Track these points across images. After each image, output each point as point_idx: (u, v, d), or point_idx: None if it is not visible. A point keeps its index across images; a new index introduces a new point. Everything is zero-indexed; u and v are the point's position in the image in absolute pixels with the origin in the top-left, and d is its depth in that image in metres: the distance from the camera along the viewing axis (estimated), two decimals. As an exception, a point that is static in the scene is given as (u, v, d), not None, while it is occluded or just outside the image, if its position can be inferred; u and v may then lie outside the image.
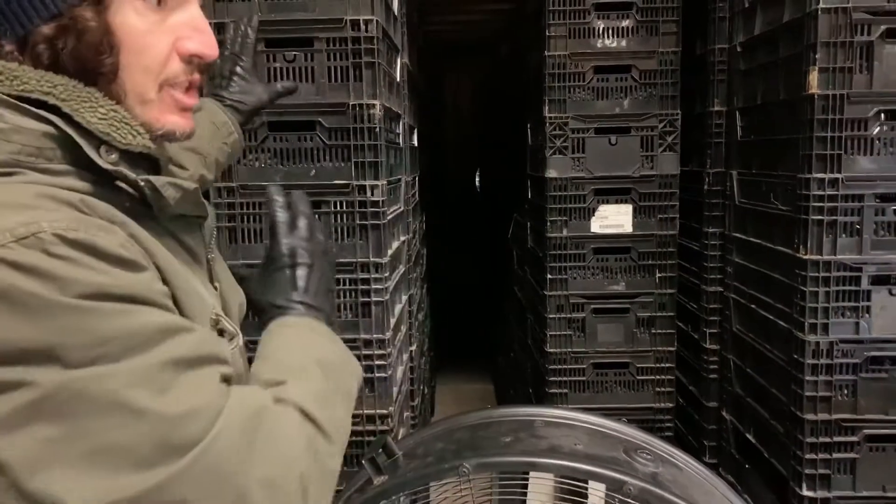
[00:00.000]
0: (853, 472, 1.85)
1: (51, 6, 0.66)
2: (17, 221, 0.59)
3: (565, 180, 2.50)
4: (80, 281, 0.59)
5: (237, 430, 0.65)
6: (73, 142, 0.66)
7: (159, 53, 0.72)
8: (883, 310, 1.82)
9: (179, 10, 0.73)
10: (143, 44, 0.71)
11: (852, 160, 1.79)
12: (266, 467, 0.66)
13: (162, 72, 0.73)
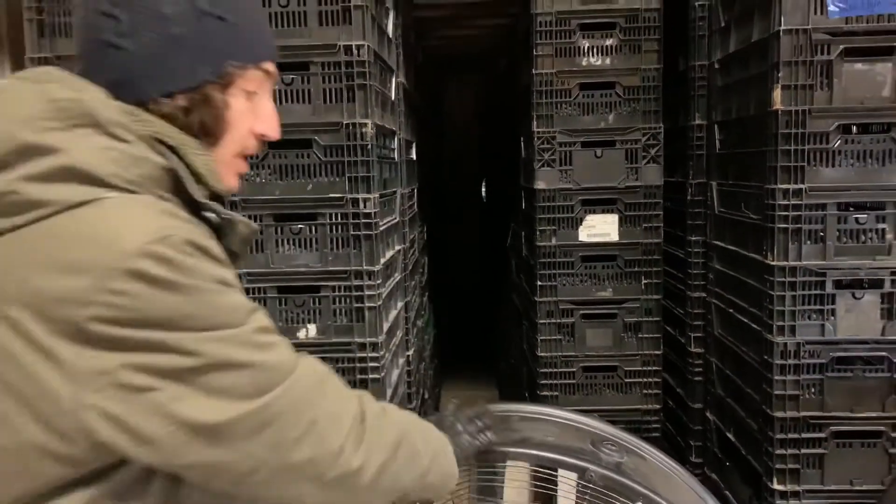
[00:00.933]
0: (821, 467, 1.95)
1: (192, 81, 0.89)
2: (158, 226, 0.79)
3: (553, 191, 2.62)
4: (200, 270, 0.80)
5: (311, 375, 0.91)
6: (178, 178, 0.87)
7: (246, 130, 0.96)
8: (847, 312, 1.93)
9: (262, 100, 0.97)
10: (240, 121, 0.95)
11: (815, 171, 1.90)
12: (331, 403, 0.92)
13: (242, 144, 0.97)
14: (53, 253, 0.78)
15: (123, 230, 0.78)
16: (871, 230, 1.91)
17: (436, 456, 1.09)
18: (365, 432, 0.94)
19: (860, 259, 1.91)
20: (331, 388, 0.94)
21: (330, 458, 0.89)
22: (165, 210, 0.83)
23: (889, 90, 1.87)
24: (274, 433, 0.84)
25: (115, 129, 0.83)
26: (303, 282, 1.94)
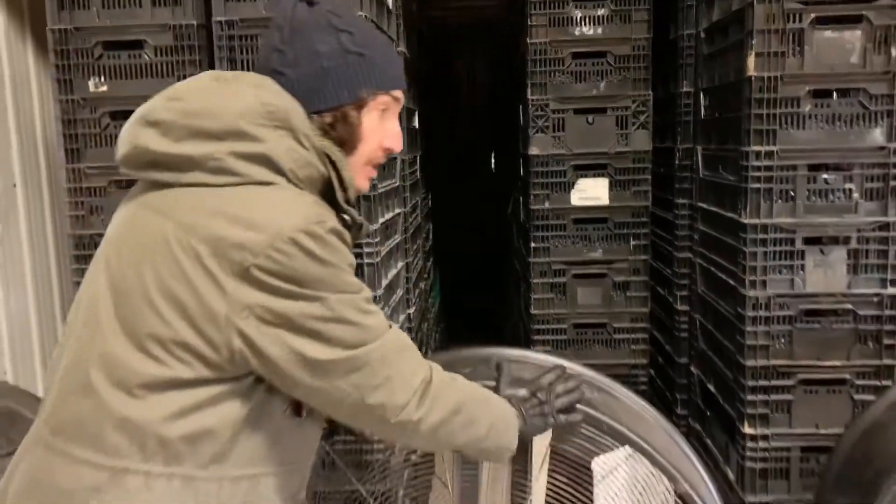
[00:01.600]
0: (789, 412, 2.08)
1: (335, 102, 1.17)
2: (315, 213, 1.08)
3: (547, 157, 2.74)
4: (338, 251, 1.08)
5: (396, 342, 1.16)
6: (331, 184, 1.15)
7: (376, 144, 1.22)
8: (815, 267, 2.05)
9: (390, 119, 1.25)
10: (372, 136, 1.21)
11: (787, 134, 2.01)
12: (406, 366, 1.17)
13: (372, 154, 1.23)
14: (239, 212, 1.04)
15: (295, 210, 1.06)
16: (838, 189, 2.02)
17: (494, 429, 1.30)
18: (429, 394, 1.18)
19: (828, 217, 2.02)
20: (409, 354, 1.19)
21: (396, 408, 1.14)
22: (320, 204, 1.13)
23: (857, 57, 1.97)
24: (359, 377, 1.10)
25: (301, 137, 1.11)
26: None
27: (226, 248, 1.03)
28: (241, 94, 1.10)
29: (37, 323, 2.72)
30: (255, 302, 1.03)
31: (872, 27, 1.95)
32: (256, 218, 1.04)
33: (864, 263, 2.03)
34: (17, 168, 2.68)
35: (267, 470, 1.14)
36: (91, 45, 2.06)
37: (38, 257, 2.75)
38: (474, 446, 1.30)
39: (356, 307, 1.10)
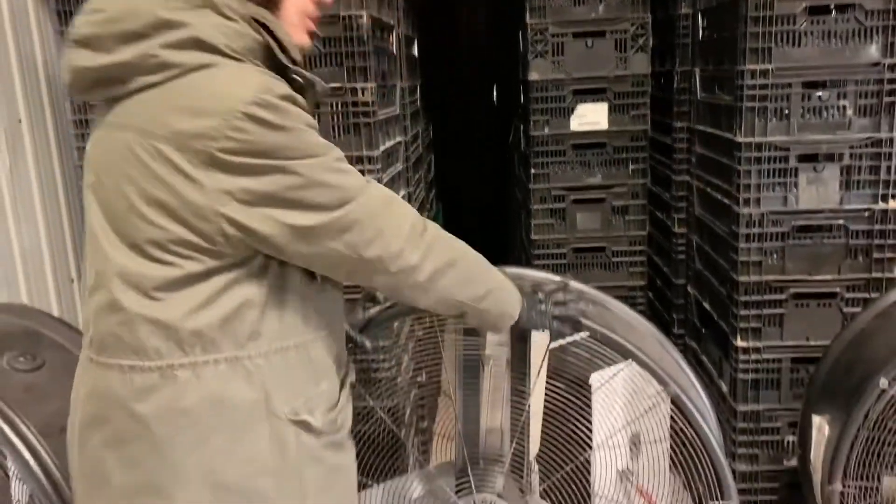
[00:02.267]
0: (781, 325, 2.16)
1: None
2: (261, 82, 1.05)
3: (546, 82, 2.75)
4: (295, 115, 1.06)
5: (379, 195, 1.16)
6: (270, 49, 1.10)
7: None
8: (808, 184, 2.10)
9: None
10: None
11: (782, 52, 2.03)
12: (395, 216, 1.16)
13: (303, 7, 1.19)
14: (188, 102, 1.04)
15: (240, 85, 1.04)
16: (832, 107, 2.05)
17: (493, 294, 1.33)
18: (424, 239, 1.19)
19: (822, 134, 2.06)
20: (395, 204, 1.19)
21: (393, 256, 1.16)
22: (265, 72, 1.09)
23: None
24: (351, 236, 1.12)
25: (225, 10, 1.08)
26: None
27: (186, 141, 1.03)
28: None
29: (49, 254, 2.78)
30: (231, 186, 1.04)
31: (869, -60, 1.94)
32: (205, 103, 1.03)
33: (856, 179, 2.07)
34: (21, 103, 2.70)
35: (307, 338, 1.19)
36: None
37: (47, 190, 2.79)
38: (473, 305, 1.30)
39: (329, 168, 1.10)
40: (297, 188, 1.07)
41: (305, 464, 1.18)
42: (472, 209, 5.49)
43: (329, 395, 1.23)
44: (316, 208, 1.09)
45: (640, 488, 2.21)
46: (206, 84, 1.05)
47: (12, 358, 1.51)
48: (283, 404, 1.15)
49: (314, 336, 1.21)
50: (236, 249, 1.09)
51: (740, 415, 2.20)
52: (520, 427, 1.69)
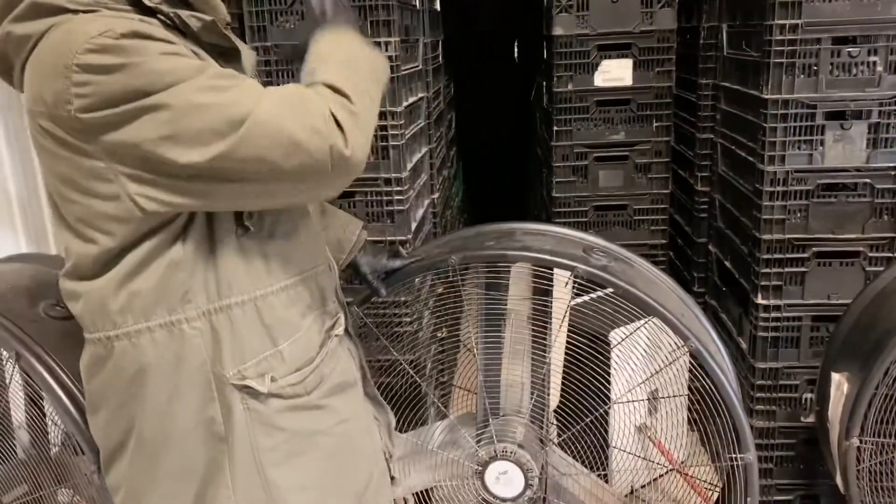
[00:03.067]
0: (802, 284, 2.15)
1: None
2: (98, 26, 0.95)
3: (571, 37, 2.72)
4: (139, 49, 0.94)
5: (277, 101, 1.00)
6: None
7: None
8: (835, 142, 2.07)
9: None
10: None
11: (812, 7, 1.98)
12: (306, 118, 1.01)
13: None
14: (41, 69, 0.98)
15: (73, 36, 0.95)
16: (862, 63, 2.01)
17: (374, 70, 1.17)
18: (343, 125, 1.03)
19: (850, 91, 2.03)
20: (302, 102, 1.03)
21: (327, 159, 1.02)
22: (115, 17, 0.98)
23: (889, -76, 1.92)
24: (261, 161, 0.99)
25: None
26: (332, 121, 2.14)
27: (53, 112, 0.96)
28: None
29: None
30: (108, 144, 0.97)
31: None
32: (49, 66, 0.96)
33: (883, 137, 2.04)
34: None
35: (254, 294, 1.11)
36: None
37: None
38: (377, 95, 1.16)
39: (201, 88, 0.97)
40: (176, 120, 0.95)
41: (257, 432, 1.12)
42: (492, 166, 5.48)
43: (292, 355, 1.15)
44: (205, 138, 0.97)
45: (657, 442, 2.24)
46: (48, 47, 0.98)
47: (48, 306, 1.56)
48: (228, 367, 1.10)
49: (264, 292, 1.12)
50: (147, 213, 1.02)
51: (759, 372, 2.22)
52: (540, 380, 1.72)
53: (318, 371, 1.18)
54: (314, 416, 1.18)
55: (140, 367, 1.09)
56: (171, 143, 0.96)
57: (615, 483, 1.88)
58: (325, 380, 1.19)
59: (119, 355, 1.09)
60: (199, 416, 1.10)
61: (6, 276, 1.66)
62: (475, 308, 1.75)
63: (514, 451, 1.70)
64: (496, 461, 1.70)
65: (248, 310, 1.11)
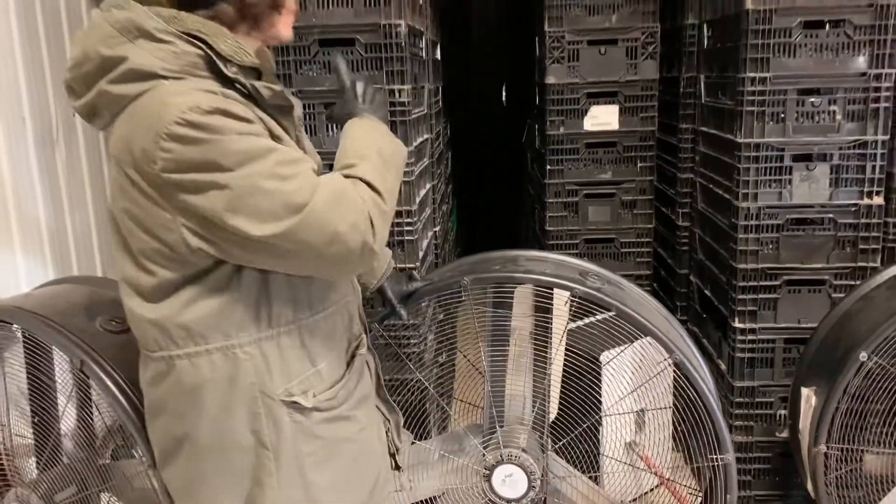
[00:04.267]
0: (775, 309, 2.38)
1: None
2: (187, 101, 1.09)
3: (562, 85, 2.98)
4: (221, 127, 1.08)
5: (330, 195, 1.16)
6: (213, 60, 1.15)
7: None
8: (801, 182, 2.32)
9: None
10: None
11: (779, 62, 2.25)
12: (349, 215, 1.16)
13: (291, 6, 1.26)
14: (134, 128, 1.11)
15: (165, 107, 1.08)
16: (823, 111, 2.27)
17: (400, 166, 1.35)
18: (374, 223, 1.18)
19: (814, 136, 2.28)
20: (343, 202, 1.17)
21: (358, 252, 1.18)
22: (201, 88, 1.12)
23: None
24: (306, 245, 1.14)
25: (159, 34, 1.13)
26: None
27: (140, 165, 1.10)
28: (96, 26, 1.15)
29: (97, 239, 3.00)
30: (180, 202, 1.10)
31: (858, -37, 2.17)
32: (142, 130, 1.09)
33: (844, 178, 2.30)
34: (77, 99, 2.92)
35: (299, 323, 1.26)
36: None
37: (95, 181, 3.01)
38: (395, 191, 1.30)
39: (268, 174, 1.10)
40: (236, 199, 1.09)
41: (301, 440, 1.27)
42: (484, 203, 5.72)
43: (329, 374, 1.31)
44: (262, 217, 1.10)
45: (646, 458, 2.44)
46: (144, 111, 1.10)
47: (104, 321, 1.74)
48: (276, 387, 1.24)
49: (307, 321, 1.27)
50: (202, 257, 1.16)
51: (737, 390, 2.43)
52: (541, 391, 1.92)
53: (346, 386, 1.34)
54: (343, 426, 1.34)
55: (197, 384, 1.24)
56: (232, 213, 1.10)
57: (606, 487, 2.06)
58: (351, 394, 1.36)
59: (179, 372, 1.24)
60: (247, 427, 1.25)
61: (64, 295, 1.84)
62: (481, 326, 1.95)
63: (518, 456, 1.89)
64: (502, 465, 1.89)
65: (294, 336, 1.26)
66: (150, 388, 1.32)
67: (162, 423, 1.33)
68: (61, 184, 2.73)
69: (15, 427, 1.88)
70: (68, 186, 2.79)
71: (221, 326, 1.21)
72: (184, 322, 1.21)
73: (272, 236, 1.12)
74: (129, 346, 1.68)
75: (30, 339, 1.74)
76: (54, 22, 2.69)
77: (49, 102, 2.68)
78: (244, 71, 1.20)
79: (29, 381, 1.80)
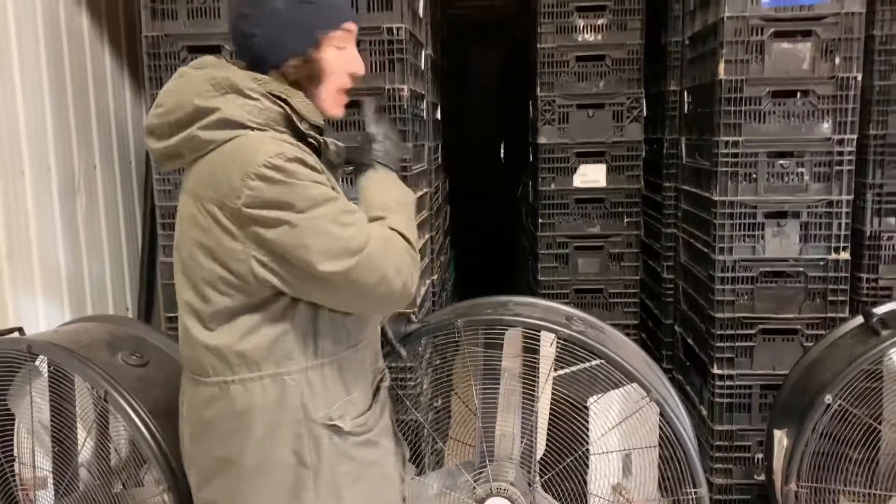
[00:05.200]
0: (751, 356, 2.53)
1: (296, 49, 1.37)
2: (273, 148, 1.28)
3: (553, 145, 3.19)
4: (299, 174, 1.27)
5: (381, 242, 1.34)
6: (290, 117, 1.35)
7: (340, 72, 1.42)
8: (773, 237, 2.49)
9: (348, 49, 1.44)
10: (335, 68, 1.41)
11: (750, 127, 2.45)
12: (393, 261, 1.35)
13: (340, 82, 1.43)
14: (222, 167, 1.29)
15: (255, 151, 1.27)
16: (792, 173, 2.46)
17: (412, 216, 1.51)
18: (413, 270, 1.39)
19: (784, 195, 2.46)
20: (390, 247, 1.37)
21: (399, 293, 1.37)
22: (281, 139, 1.31)
23: (808, 64, 2.41)
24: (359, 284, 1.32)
25: (249, 91, 1.32)
26: (354, 210, 2.53)
27: (222, 200, 1.27)
28: (192, 81, 1.34)
29: (110, 285, 3.15)
30: (254, 234, 1.26)
31: (820, 40, 2.38)
32: (232, 169, 1.26)
33: (813, 234, 2.47)
34: (98, 152, 3.11)
35: (339, 356, 1.41)
36: (178, 48, 2.50)
37: (111, 229, 3.18)
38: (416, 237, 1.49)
39: (332, 219, 1.28)
40: (303, 236, 1.26)
41: (338, 461, 1.41)
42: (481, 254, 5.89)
43: (360, 401, 1.45)
44: (325, 255, 1.27)
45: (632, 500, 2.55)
46: (232, 152, 1.28)
47: (125, 356, 1.89)
48: (318, 411, 1.38)
49: (346, 354, 1.42)
50: (264, 287, 1.31)
51: (717, 434, 2.56)
52: (529, 429, 2.05)
53: (373, 414, 1.48)
54: (373, 450, 1.48)
55: (248, 407, 1.37)
56: (298, 249, 1.27)
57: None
58: (377, 422, 1.50)
59: (233, 397, 1.37)
60: (290, 447, 1.38)
61: (89, 332, 1.99)
62: (474, 367, 2.09)
63: (506, 489, 2.01)
64: (492, 497, 2.01)
65: (334, 367, 1.41)
66: (201, 411, 1.43)
67: (207, 444, 1.44)
68: (80, 231, 2.90)
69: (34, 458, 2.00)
70: (87, 233, 2.96)
71: (274, 356, 1.36)
72: (241, 350, 1.35)
73: (332, 273, 1.29)
74: (146, 378, 1.84)
75: (57, 372, 1.89)
76: (81, 79, 2.90)
77: (73, 154, 2.87)
78: (313, 128, 1.40)
79: (52, 411, 1.94)
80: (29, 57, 2.54)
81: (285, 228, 1.26)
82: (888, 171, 2.66)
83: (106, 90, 3.17)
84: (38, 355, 1.87)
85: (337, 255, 1.29)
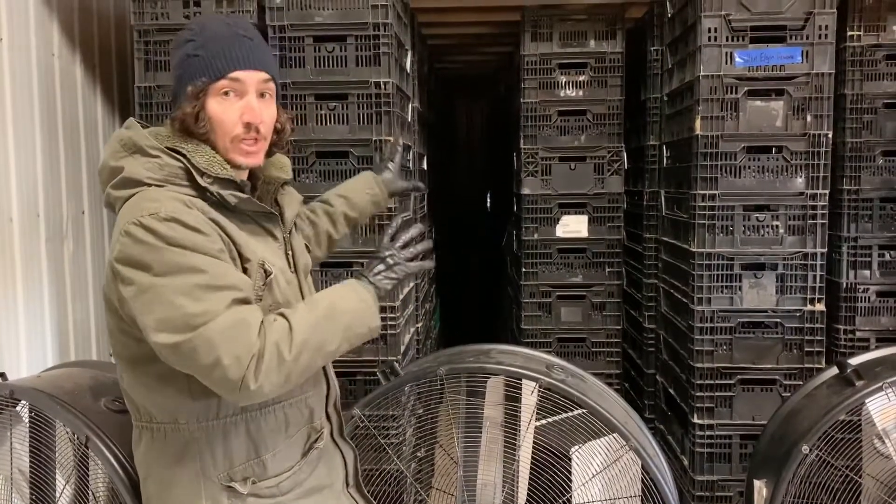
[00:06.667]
0: (731, 406, 2.56)
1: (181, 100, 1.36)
2: (152, 206, 1.28)
3: (536, 196, 3.25)
4: (169, 237, 1.25)
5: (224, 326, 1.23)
6: (190, 172, 1.35)
7: (230, 122, 1.37)
8: (750, 288, 2.55)
9: (236, 99, 1.38)
10: (222, 118, 1.37)
11: (726, 181, 2.52)
12: (233, 348, 1.23)
13: (233, 132, 1.38)
14: (116, 224, 1.31)
15: (137, 208, 1.28)
16: (767, 226, 2.52)
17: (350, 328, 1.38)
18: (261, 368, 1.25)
19: (760, 248, 2.52)
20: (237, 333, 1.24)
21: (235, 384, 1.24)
22: (171, 196, 1.30)
23: (781, 121, 2.49)
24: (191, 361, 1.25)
25: (148, 149, 1.34)
26: (340, 259, 2.55)
27: (110, 254, 1.32)
28: (111, 143, 1.39)
29: (94, 331, 3.15)
30: (118, 290, 1.29)
31: (792, 98, 2.48)
32: (117, 225, 1.30)
33: (789, 285, 2.53)
34: (86, 198, 3.14)
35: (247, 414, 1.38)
36: (169, 98, 2.55)
37: (97, 273, 3.19)
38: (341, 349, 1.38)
39: (185, 292, 1.23)
40: (149, 302, 1.24)
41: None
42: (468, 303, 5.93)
43: (273, 464, 1.41)
44: (163, 325, 1.23)
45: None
46: (124, 210, 1.32)
47: (108, 401, 1.89)
48: (218, 469, 1.37)
49: (253, 413, 1.38)
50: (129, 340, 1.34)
51: (698, 484, 2.57)
52: (511, 476, 2.06)
53: (294, 477, 1.44)
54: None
55: (154, 455, 1.41)
56: (144, 313, 1.26)
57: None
58: (300, 484, 1.46)
59: (148, 441, 1.42)
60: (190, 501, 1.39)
61: (72, 377, 2.00)
62: (455, 414, 2.11)
63: (487, 539, 2.01)
64: (473, 547, 2.01)
65: (239, 427, 1.38)
66: (135, 451, 1.49)
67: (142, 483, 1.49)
68: (66, 275, 2.91)
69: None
70: (72, 278, 2.97)
71: (177, 411, 1.36)
72: (147, 400, 1.39)
73: (163, 345, 1.25)
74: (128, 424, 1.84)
75: (38, 417, 1.89)
76: (72, 127, 2.95)
77: (62, 200, 2.90)
78: (220, 182, 1.37)
79: (32, 457, 1.93)
80: (22, 106, 2.59)
81: (134, 289, 1.26)
82: (862, 225, 2.74)
83: (97, 138, 3.21)
84: (20, 400, 1.87)
85: (173, 328, 1.24)
